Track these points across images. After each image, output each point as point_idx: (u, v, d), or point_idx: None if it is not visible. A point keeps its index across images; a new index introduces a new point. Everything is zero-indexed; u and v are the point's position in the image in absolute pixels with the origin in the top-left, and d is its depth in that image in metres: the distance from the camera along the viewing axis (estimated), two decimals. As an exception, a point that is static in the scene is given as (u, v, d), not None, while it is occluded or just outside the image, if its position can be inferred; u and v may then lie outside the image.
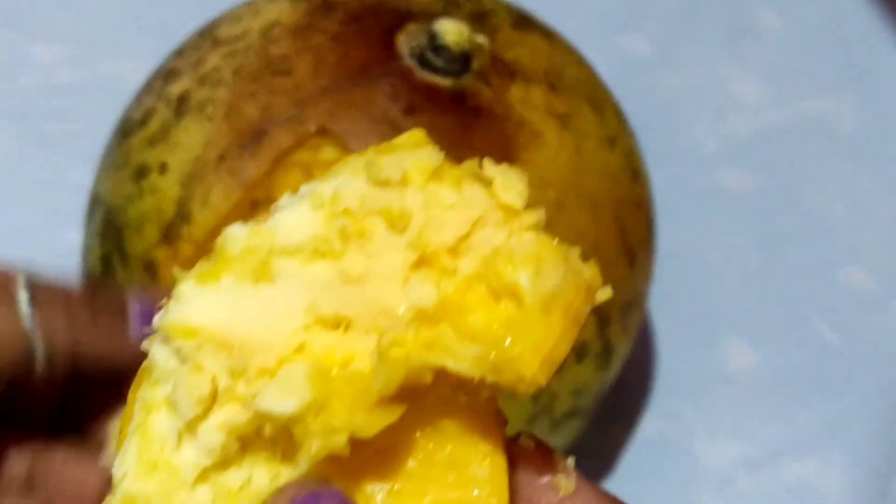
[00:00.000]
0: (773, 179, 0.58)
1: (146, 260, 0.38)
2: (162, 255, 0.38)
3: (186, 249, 0.37)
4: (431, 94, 0.37)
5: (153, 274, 0.38)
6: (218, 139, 0.37)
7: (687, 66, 0.63)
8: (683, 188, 0.56)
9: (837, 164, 0.59)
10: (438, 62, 0.37)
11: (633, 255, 0.40)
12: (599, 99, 0.41)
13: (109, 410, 0.36)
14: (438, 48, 0.37)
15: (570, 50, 0.43)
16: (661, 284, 0.46)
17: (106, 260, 0.40)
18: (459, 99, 0.37)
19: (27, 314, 0.31)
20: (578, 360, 0.39)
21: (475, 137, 0.37)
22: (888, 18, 0.65)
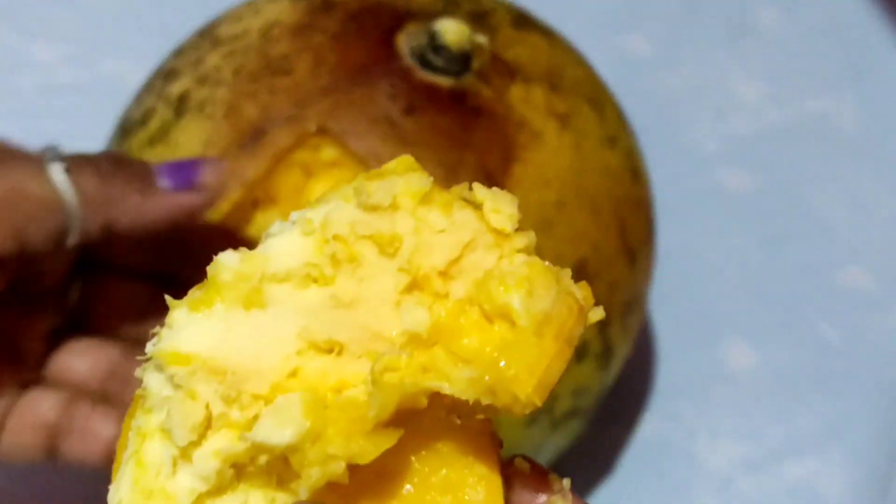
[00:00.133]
0: (773, 179, 0.58)
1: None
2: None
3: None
4: (431, 93, 0.37)
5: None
6: (218, 139, 0.37)
7: (687, 66, 0.63)
8: (683, 188, 0.56)
9: (837, 164, 0.59)
10: (438, 62, 0.37)
11: (633, 255, 0.40)
12: (599, 99, 0.41)
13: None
14: (438, 48, 0.37)
15: (570, 50, 0.42)
16: (661, 284, 0.46)
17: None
18: (459, 99, 0.37)
19: (62, 181, 0.31)
20: (578, 360, 0.39)
21: (475, 137, 0.37)
22: (888, 18, 0.65)
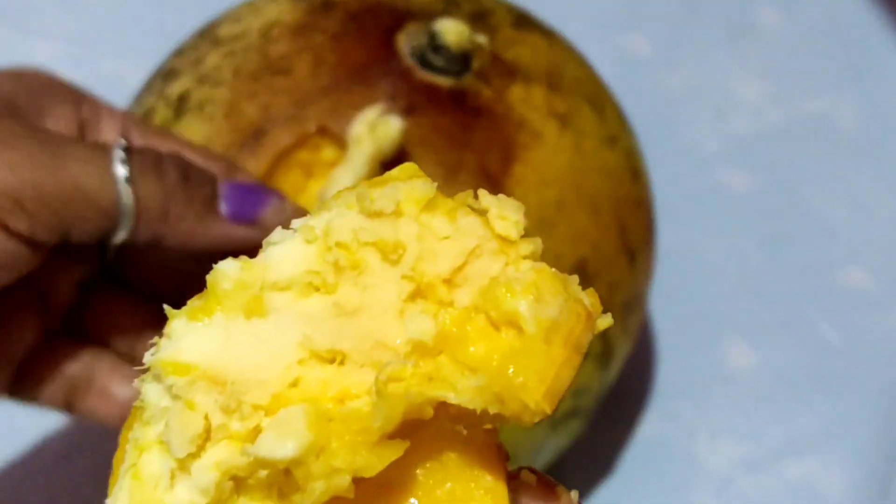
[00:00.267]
0: (773, 179, 0.58)
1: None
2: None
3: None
4: (431, 93, 0.37)
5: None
6: (218, 139, 0.37)
7: (687, 66, 0.63)
8: (683, 188, 0.56)
9: (837, 164, 0.59)
10: (438, 62, 0.37)
11: (633, 254, 0.40)
12: (599, 98, 0.41)
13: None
14: (438, 48, 0.37)
15: (570, 50, 0.42)
16: (661, 284, 0.46)
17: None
18: (459, 99, 0.37)
19: (124, 186, 0.30)
20: (578, 360, 0.39)
21: (475, 137, 0.37)
22: (888, 18, 0.65)
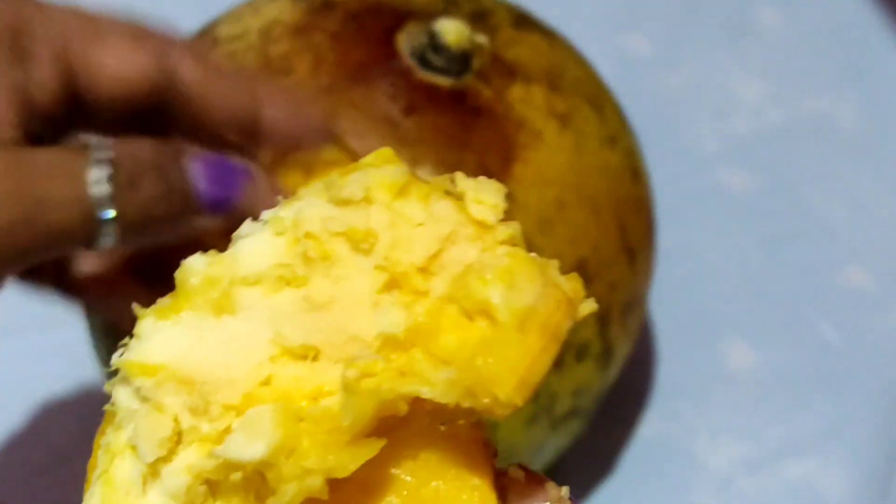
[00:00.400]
0: (773, 179, 0.58)
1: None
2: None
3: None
4: (431, 93, 0.37)
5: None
6: (218, 139, 0.36)
7: (687, 66, 0.63)
8: (683, 188, 0.56)
9: (837, 164, 0.59)
10: (438, 62, 0.37)
11: (633, 254, 0.40)
12: (599, 98, 0.41)
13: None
14: (438, 48, 0.37)
15: (570, 50, 0.42)
16: (661, 284, 0.46)
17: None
18: (459, 98, 0.37)
19: (102, 196, 0.30)
20: (578, 360, 0.39)
21: (475, 137, 0.37)
22: (888, 18, 0.65)
